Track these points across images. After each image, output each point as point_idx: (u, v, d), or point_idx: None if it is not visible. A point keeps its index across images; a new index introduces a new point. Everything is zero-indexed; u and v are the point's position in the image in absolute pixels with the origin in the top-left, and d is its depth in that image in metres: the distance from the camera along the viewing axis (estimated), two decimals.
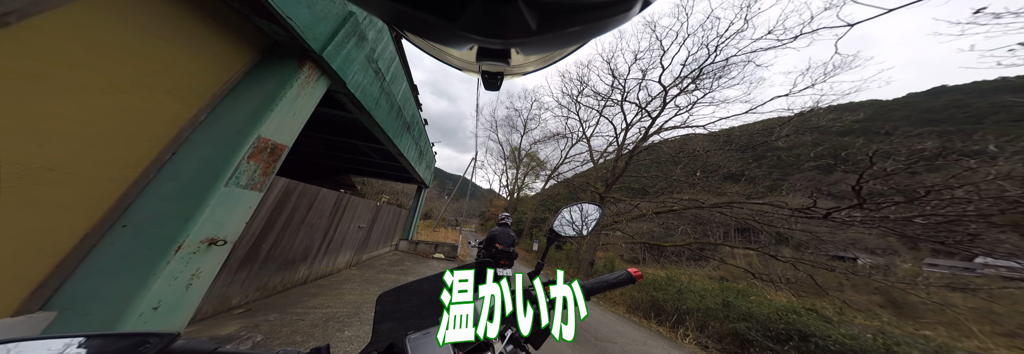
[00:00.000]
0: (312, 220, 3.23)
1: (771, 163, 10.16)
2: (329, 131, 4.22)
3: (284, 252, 2.90)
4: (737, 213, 6.95)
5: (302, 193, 2.89)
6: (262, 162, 1.49)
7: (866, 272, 5.88)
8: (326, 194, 3.41)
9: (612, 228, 9.73)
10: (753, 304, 4.48)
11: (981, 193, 3.92)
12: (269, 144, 1.50)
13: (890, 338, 3.21)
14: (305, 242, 3.25)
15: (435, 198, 33.75)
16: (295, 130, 1.71)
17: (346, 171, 9.13)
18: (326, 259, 3.98)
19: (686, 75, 8.96)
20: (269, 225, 2.56)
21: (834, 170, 5.79)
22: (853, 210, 4.74)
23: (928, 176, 4.56)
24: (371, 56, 2.63)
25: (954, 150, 4.24)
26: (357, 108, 2.69)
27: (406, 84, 3.99)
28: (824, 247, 9.43)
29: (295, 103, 1.66)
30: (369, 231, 5.56)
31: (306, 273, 3.55)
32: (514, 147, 21.72)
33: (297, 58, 1.66)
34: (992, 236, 4.21)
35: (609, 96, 11.26)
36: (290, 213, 2.79)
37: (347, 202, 4.09)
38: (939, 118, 47.34)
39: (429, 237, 10.82)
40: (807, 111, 7.28)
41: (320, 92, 1.92)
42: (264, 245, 2.56)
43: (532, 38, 0.17)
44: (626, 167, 9.35)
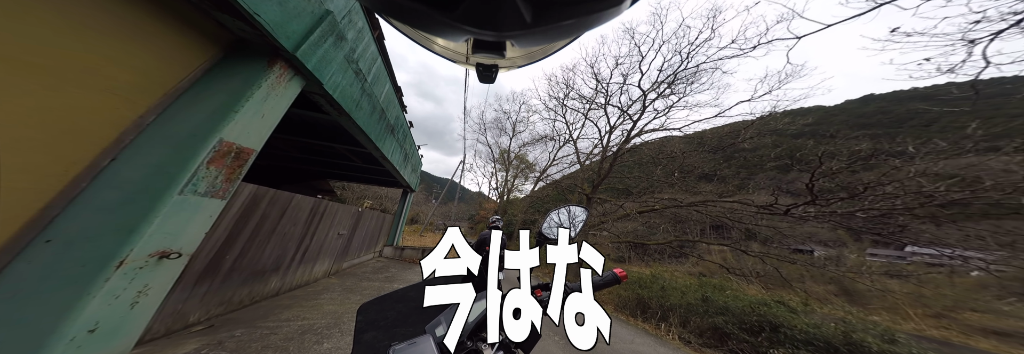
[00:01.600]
0: (285, 228, 3.03)
1: (739, 163, 10.88)
2: (305, 134, 4.02)
3: (252, 263, 2.69)
4: (711, 211, 7.35)
5: (273, 200, 2.71)
6: (225, 167, 1.38)
7: (821, 263, 6.47)
8: (301, 200, 3.22)
9: (599, 228, 9.95)
10: (729, 298, 4.68)
11: (905, 189, 4.43)
12: (233, 148, 1.39)
13: (847, 325, 3.47)
14: (276, 252, 3.04)
15: (422, 202, 32.91)
16: (264, 133, 1.61)
17: (324, 176, 8.71)
18: (301, 269, 3.74)
19: (663, 80, 9.45)
20: (234, 235, 2.37)
21: (791, 169, 6.33)
22: (808, 206, 5.15)
23: (865, 174, 5.12)
24: (350, 56, 2.54)
25: (883, 151, 4.83)
26: (336, 110, 2.58)
27: (389, 85, 3.89)
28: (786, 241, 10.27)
29: (264, 104, 1.56)
30: (350, 238, 5.30)
31: (278, 284, 3.32)
32: (503, 149, 21.74)
33: (267, 57, 1.56)
34: (916, 227, 4.80)
35: (593, 99, 11.60)
36: (259, 221, 2.60)
37: (325, 208, 3.88)
38: (870, 122, 53.93)
39: (416, 242, 10.51)
40: (766, 115, 7.98)
41: (293, 93, 1.82)
42: (228, 256, 2.36)
43: (527, 31, 0.17)
44: (610, 168, 9.64)
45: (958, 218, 4.42)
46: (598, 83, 10.96)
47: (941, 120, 20.58)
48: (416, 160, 7.97)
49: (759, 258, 6.62)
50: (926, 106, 3.98)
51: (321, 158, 5.94)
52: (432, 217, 22.12)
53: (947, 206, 4.24)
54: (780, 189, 7.50)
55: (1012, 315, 9.85)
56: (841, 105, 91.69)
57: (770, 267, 6.61)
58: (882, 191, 4.59)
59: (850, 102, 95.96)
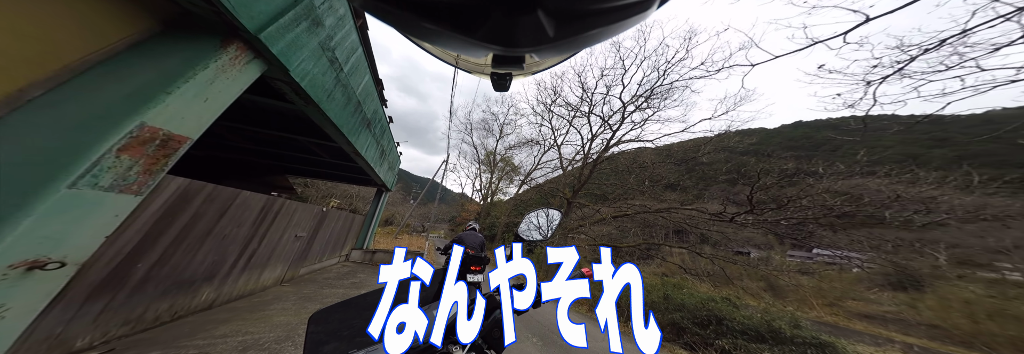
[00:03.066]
0: (224, 230, 2.63)
1: (698, 175, 12.23)
2: (262, 124, 3.61)
3: (176, 271, 2.27)
4: (674, 217, 8.19)
5: (211, 197, 2.34)
6: (144, 157, 1.15)
7: (755, 263, 7.66)
8: (249, 198, 2.83)
9: (578, 232, 10.26)
10: (685, 296, 5.04)
11: (814, 202, 5.56)
12: (159, 134, 1.17)
13: (770, 315, 4.08)
14: (212, 257, 2.62)
15: (398, 203, 31.15)
16: (206, 119, 1.38)
17: (283, 171, 7.92)
18: (245, 276, 3.27)
19: (641, 94, 10.19)
20: (152, 238, 1.98)
21: (737, 182, 7.38)
22: (747, 215, 6.11)
23: (789, 189, 6.21)
24: (326, 44, 2.34)
25: (803, 170, 6.28)
26: (302, 99, 2.34)
27: (369, 77, 3.66)
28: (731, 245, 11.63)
29: (210, 87, 1.35)
30: (310, 241, 4.80)
31: (213, 295, 2.85)
32: (489, 151, 21.60)
33: (221, 36, 1.36)
34: (820, 233, 6.03)
35: (578, 107, 12.10)
36: (189, 222, 2.21)
37: (280, 207, 3.47)
38: (797, 145, 64.54)
39: (390, 245, 9.86)
40: (722, 133, 9.02)
41: (250, 78, 1.61)
42: (140, 264, 1.96)
43: (550, 45, 0.17)
44: (590, 175, 10.05)
45: (846, 227, 5.66)
46: (584, 92, 11.47)
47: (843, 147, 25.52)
48: (394, 157, 7.57)
49: (710, 259, 7.50)
50: (834, 135, 4.86)
51: (280, 151, 5.38)
52: (409, 218, 21.06)
53: (841, 217, 5.40)
54: (728, 199, 8.57)
55: (876, 302, 12.42)
56: (778, 128, 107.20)
57: (717, 267, 7.57)
58: (799, 204, 5.66)
59: (784, 126, 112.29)
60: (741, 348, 3.67)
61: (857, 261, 15.56)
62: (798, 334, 3.61)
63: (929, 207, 5.10)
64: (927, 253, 16.94)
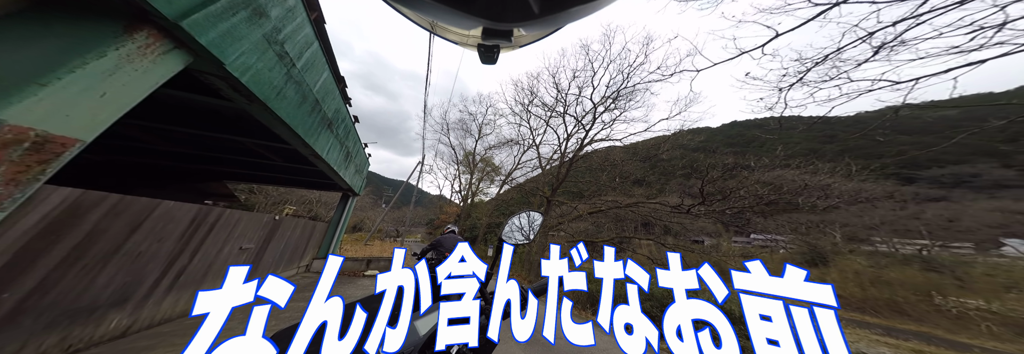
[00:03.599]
0: (138, 246, 2.23)
1: (660, 171, 13.50)
2: (193, 124, 3.16)
3: (66, 298, 1.86)
4: (641, 210, 8.86)
5: (116, 209, 1.98)
6: (7, 163, 0.93)
7: (708, 251, 8.59)
8: (173, 209, 2.45)
9: (557, 229, 10.58)
10: (652, 285, 5.39)
11: (749, 192, 6.33)
12: (29, 136, 0.95)
13: None
14: (122, 278, 2.20)
15: (368, 207, 29.15)
16: (103, 118, 1.16)
17: (220, 177, 7.02)
18: (173, 297, 2.81)
19: (610, 95, 10.85)
20: (25, 261, 1.60)
21: (691, 177, 8.32)
22: (700, 206, 6.79)
23: (731, 182, 7.02)
24: (273, 37, 2.13)
25: (740, 165, 7.09)
26: (244, 96, 2.10)
27: (328, 74, 3.41)
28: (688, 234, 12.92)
29: (109, 79, 1.14)
30: (260, 252, 4.29)
31: (126, 322, 2.40)
32: (468, 152, 21.22)
33: (123, 20, 1.16)
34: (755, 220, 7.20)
35: (554, 108, 12.51)
36: (85, 240, 1.84)
37: (218, 218, 3.05)
38: (735, 142, 75.59)
39: (360, 252, 9.17)
40: (677, 132, 9.95)
41: (168, 70, 1.39)
42: (6, 294, 1.55)
43: (535, 19, 0.18)
44: (567, 173, 10.43)
45: (773, 213, 6.68)
46: (558, 92, 11.92)
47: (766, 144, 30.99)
48: (362, 160, 7.10)
49: (672, 249, 8.37)
50: (760, 133, 5.77)
51: (218, 155, 4.73)
52: (381, 223, 19.81)
53: (769, 205, 6.27)
54: (685, 192, 9.58)
55: None
56: (719, 128, 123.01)
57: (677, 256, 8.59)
58: (738, 194, 6.45)
59: (724, 125, 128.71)
60: None
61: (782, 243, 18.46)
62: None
63: (827, 193, 6.04)
64: (828, 232, 19.92)
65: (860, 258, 14.07)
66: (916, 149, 3.38)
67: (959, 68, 2.48)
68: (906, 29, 2.72)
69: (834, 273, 13.14)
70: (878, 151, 51.85)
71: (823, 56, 3.18)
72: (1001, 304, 8.85)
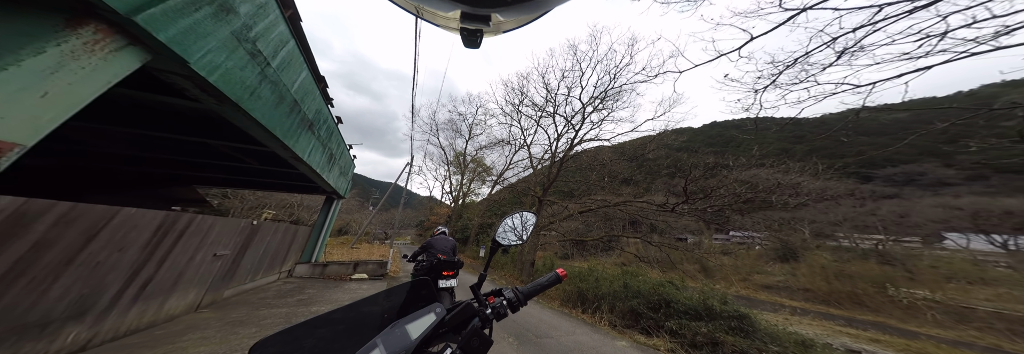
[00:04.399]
0: (97, 256, 2.08)
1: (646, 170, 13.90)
2: (159, 126, 2.98)
3: (12, 313, 1.71)
4: (628, 209, 8.96)
5: (68, 218, 1.85)
6: None
7: (691, 248, 8.86)
8: (135, 216, 2.30)
9: (548, 228, 10.71)
10: (640, 283, 5.51)
11: (728, 191, 6.55)
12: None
13: (704, 294, 4.61)
14: (78, 291, 2.05)
15: (354, 210, 28.32)
16: (47, 120, 1.08)
17: (189, 181, 6.65)
18: (139, 307, 2.64)
19: (597, 95, 11.03)
20: None
21: (675, 176, 8.62)
22: (684, 204, 6.96)
23: (711, 180, 7.21)
24: (243, 34, 2.04)
25: (720, 164, 7.46)
26: (213, 97, 2.00)
27: (307, 74, 3.29)
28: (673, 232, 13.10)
29: (51, 78, 1.06)
30: (237, 258, 4.10)
31: (86, 334, 2.24)
32: (458, 152, 20.99)
33: (64, 13, 1.08)
34: (734, 217, 7.43)
35: (544, 108, 12.58)
36: (30, 251, 1.72)
37: (187, 224, 2.89)
38: (715, 142, 79.19)
39: (347, 256, 8.89)
40: (662, 132, 10.24)
41: (121, 68, 1.31)
42: None
43: (511, 6, 0.19)
44: (558, 173, 10.53)
45: (750, 211, 6.99)
46: (548, 93, 12.00)
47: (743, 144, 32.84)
48: (346, 162, 6.90)
49: (658, 247, 8.46)
50: (738, 133, 6.04)
51: (187, 159, 4.45)
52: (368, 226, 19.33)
53: (746, 203, 6.46)
54: (669, 191, 9.88)
55: (772, 274, 14.94)
56: (701, 128, 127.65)
57: (664, 254, 8.64)
58: (718, 193, 6.62)
59: (705, 126, 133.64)
60: (685, 327, 4.08)
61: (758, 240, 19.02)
62: (725, 309, 4.15)
63: (797, 191, 6.32)
64: (798, 229, 20.73)
65: (825, 253, 14.90)
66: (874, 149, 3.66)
67: (910, 73, 2.66)
68: (865, 35, 2.89)
69: (804, 268, 13.87)
70: (841, 151, 55.25)
71: (793, 59, 3.33)
72: (943, 294, 9.42)
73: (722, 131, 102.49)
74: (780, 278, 13.67)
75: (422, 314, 0.48)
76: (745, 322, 4.00)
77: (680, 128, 14.51)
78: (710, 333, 3.84)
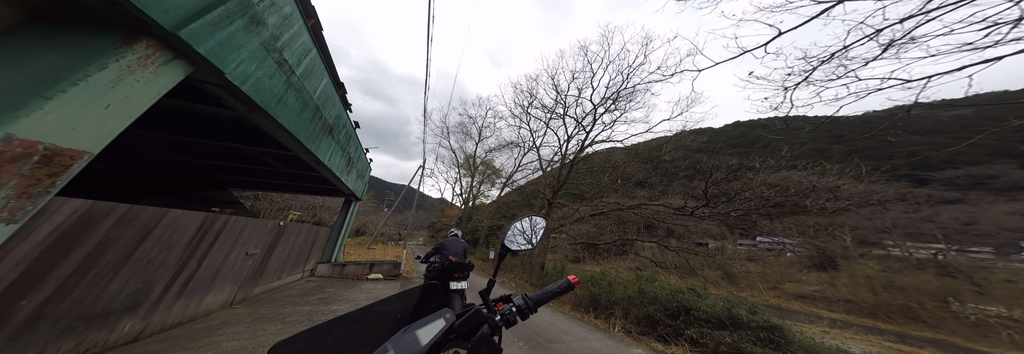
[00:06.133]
0: (149, 254, 2.28)
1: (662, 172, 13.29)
2: (196, 132, 3.21)
3: (80, 305, 1.91)
4: (643, 213, 8.60)
5: (126, 219, 2.03)
6: (17, 177, 0.95)
7: (713, 253, 8.35)
8: (180, 217, 2.50)
9: (558, 231, 10.51)
10: (657, 288, 5.28)
11: (754, 194, 6.14)
12: (37, 149, 0.98)
13: (729, 303, 4.35)
14: (134, 285, 2.25)
15: (370, 211, 29.26)
16: (109, 129, 1.19)
17: (225, 185, 7.11)
18: (182, 302, 2.86)
19: (609, 96, 10.77)
20: (40, 270, 1.66)
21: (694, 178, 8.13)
22: (704, 208, 6.58)
23: (735, 183, 6.78)
24: (271, 44, 2.16)
25: (744, 166, 6.84)
26: (246, 105, 2.12)
27: (328, 80, 3.44)
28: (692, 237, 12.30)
29: (112, 91, 1.16)
30: (265, 258, 4.34)
31: (139, 326, 2.45)
32: (468, 155, 21.26)
33: (122, 31, 1.18)
34: (761, 222, 6.75)
35: (553, 109, 12.46)
36: (96, 249, 1.89)
37: (223, 225, 3.09)
38: (738, 143, 73.86)
39: (363, 256, 9.21)
40: (679, 133, 9.75)
41: (169, 80, 1.42)
42: (25, 301, 1.62)
43: None
44: (568, 175, 10.37)
45: (780, 215, 6.42)
46: (558, 94, 11.88)
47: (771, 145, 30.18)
48: (363, 165, 7.15)
49: (676, 252, 8.13)
50: (765, 133, 5.56)
51: (221, 163, 4.78)
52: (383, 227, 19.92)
53: (775, 207, 6.00)
54: (688, 194, 9.38)
55: (807, 283, 13.81)
56: (722, 128, 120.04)
57: (683, 259, 8.18)
58: (743, 196, 6.23)
59: (727, 126, 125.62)
60: (707, 336, 3.86)
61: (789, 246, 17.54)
62: (753, 319, 3.88)
63: (836, 195, 5.72)
64: (838, 235, 19.22)
65: (871, 262, 13.55)
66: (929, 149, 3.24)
67: (974, 65, 2.35)
68: (915, 26, 2.59)
69: (845, 277, 12.73)
70: (888, 152, 50.20)
71: (829, 54, 3.07)
72: (1022, 311, 8.37)
73: (746, 131, 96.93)
74: (816, 287, 12.84)
75: (432, 319, 0.48)
76: (776, 333, 3.73)
77: (699, 128, 13.91)
78: (735, 343, 3.62)
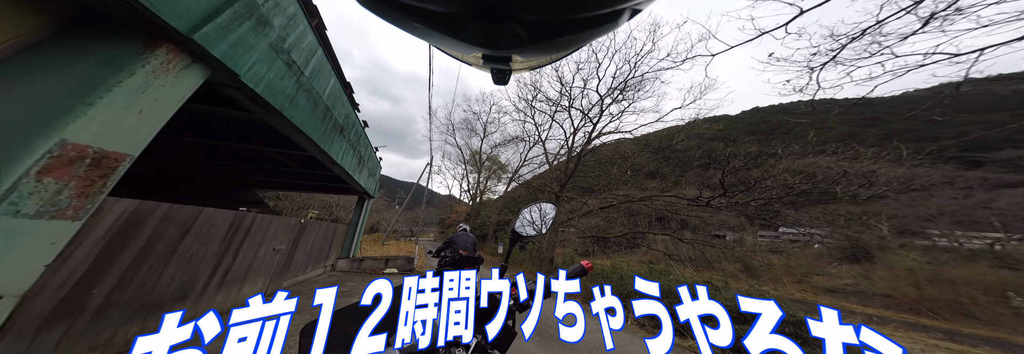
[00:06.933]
0: (190, 249, 2.48)
1: (674, 162, 12.70)
2: (220, 135, 3.36)
3: (140, 294, 2.13)
4: (655, 204, 8.33)
5: (168, 217, 2.20)
6: (75, 179, 1.05)
7: (731, 246, 7.96)
8: (214, 215, 2.67)
9: (567, 225, 10.47)
10: (672, 282, 5.23)
11: (776, 182, 5.74)
12: (88, 153, 1.07)
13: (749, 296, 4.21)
14: (181, 277, 2.47)
15: (383, 209, 30.25)
16: (145, 133, 1.27)
17: (249, 185, 7.47)
18: (223, 293, 3.11)
19: (616, 86, 10.35)
20: (104, 263, 1.85)
21: (709, 167, 7.73)
22: (721, 198, 6.25)
23: (755, 171, 6.38)
24: (279, 46, 2.20)
25: (765, 153, 6.32)
26: (261, 106, 2.20)
27: (335, 81, 3.49)
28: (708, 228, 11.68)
29: (142, 96, 1.24)
30: (290, 253, 4.61)
31: (189, 314, 2.70)
32: (474, 151, 21.34)
33: (142, 37, 1.24)
34: (784, 212, 6.24)
35: (558, 102, 12.13)
36: (147, 244, 2.08)
37: (252, 222, 3.29)
38: (757, 129, 69.33)
39: (378, 252, 9.61)
40: (693, 121, 9.31)
41: (191, 84, 1.49)
42: (97, 290, 1.83)
43: (527, 47, 0.19)
44: (575, 168, 10.21)
45: (806, 204, 5.99)
46: (562, 86, 11.53)
47: (795, 130, 27.98)
48: (374, 163, 7.32)
49: (691, 244, 7.74)
50: (788, 118, 5.17)
51: (244, 164, 5.03)
52: (396, 224, 20.59)
53: (800, 195, 5.60)
54: (703, 184, 8.99)
55: (837, 276, 12.81)
56: (739, 115, 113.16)
57: (698, 251, 7.87)
58: (764, 184, 5.85)
59: (744, 112, 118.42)
60: None
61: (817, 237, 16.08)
62: None
63: (870, 181, 5.33)
64: (873, 225, 17.41)
65: (914, 253, 11.94)
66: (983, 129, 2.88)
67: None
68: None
69: (882, 270, 11.42)
70: (934, 132, 45.08)
71: (860, 31, 2.80)
72: None
73: (766, 117, 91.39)
74: (849, 281, 11.91)
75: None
76: (802, 328, 3.62)
77: (714, 116, 13.17)
78: None
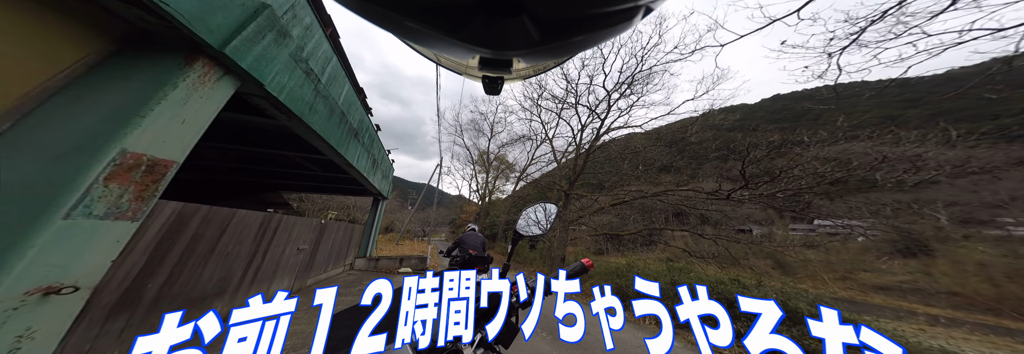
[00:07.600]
0: (227, 248, 2.68)
1: (689, 155, 12.16)
2: (247, 142, 3.59)
3: (187, 289, 2.34)
4: (671, 199, 8.00)
5: (207, 218, 2.40)
6: (133, 184, 1.17)
7: (759, 241, 7.38)
8: (246, 216, 2.88)
9: (578, 223, 10.32)
10: (694, 280, 5.09)
11: (805, 171, 5.35)
12: (143, 160, 1.19)
13: (785, 295, 3.91)
14: (219, 274, 2.68)
15: (396, 210, 31.13)
16: (188, 141, 1.40)
17: (275, 188, 7.90)
18: (254, 289, 3.34)
19: (623, 81, 10.10)
20: (157, 260, 2.05)
21: (728, 159, 7.24)
22: (743, 190, 5.92)
23: (780, 160, 5.96)
24: (298, 55, 2.33)
25: (789, 141, 5.87)
26: (284, 114, 2.34)
27: (349, 86, 3.64)
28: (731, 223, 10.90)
29: (184, 107, 1.36)
30: (313, 252, 4.86)
31: (225, 309, 2.93)
32: (482, 151, 21.54)
33: (183, 53, 1.36)
34: (817, 202, 5.79)
35: (565, 99, 12.00)
36: (190, 243, 2.28)
37: (278, 223, 3.51)
38: (779, 118, 64.77)
39: (393, 251, 9.94)
40: (707, 112, 8.93)
41: (224, 95, 1.61)
42: (151, 284, 2.03)
43: (535, 48, 0.16)
44: (584, 165, 10.07)
45: (842, 193, 5.50)
46: (568, 83, 11.39)
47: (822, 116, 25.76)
48: (386, 166, 7.56)
49: (713, 240, 7.32)
50: (811, 104, 4.78)
51: (270, 168, 5.35)
52: (409, 224, 21.12)
53: (834, 184, 5.18)
54: (722, 176, 8.51)
55: (889, 272, 11.48)
56: (758, 103, 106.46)
57: (721, 248, 7.39)
58: (791, 174, 5.46)
59: (764, 101, 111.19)
60: None
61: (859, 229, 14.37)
62: (816, 314, 3.55)
63: (917, 165, 4.77)
64: (927, 214, 14.76)
65: (983, 245, 10.27)
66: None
67: None
68: None
69: (943, 265, 9.94)
70: (988, 110, 40.67)
71: (880, 13, 2.62)
72: None
73: (788, 104, 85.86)
74: (904, 277, 10.56)
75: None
76: None
77: (730, 106, 12.40)
78: (797, 339, 3.34)
